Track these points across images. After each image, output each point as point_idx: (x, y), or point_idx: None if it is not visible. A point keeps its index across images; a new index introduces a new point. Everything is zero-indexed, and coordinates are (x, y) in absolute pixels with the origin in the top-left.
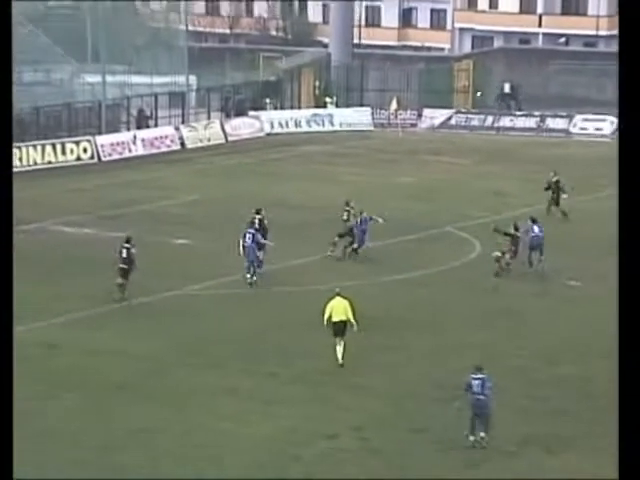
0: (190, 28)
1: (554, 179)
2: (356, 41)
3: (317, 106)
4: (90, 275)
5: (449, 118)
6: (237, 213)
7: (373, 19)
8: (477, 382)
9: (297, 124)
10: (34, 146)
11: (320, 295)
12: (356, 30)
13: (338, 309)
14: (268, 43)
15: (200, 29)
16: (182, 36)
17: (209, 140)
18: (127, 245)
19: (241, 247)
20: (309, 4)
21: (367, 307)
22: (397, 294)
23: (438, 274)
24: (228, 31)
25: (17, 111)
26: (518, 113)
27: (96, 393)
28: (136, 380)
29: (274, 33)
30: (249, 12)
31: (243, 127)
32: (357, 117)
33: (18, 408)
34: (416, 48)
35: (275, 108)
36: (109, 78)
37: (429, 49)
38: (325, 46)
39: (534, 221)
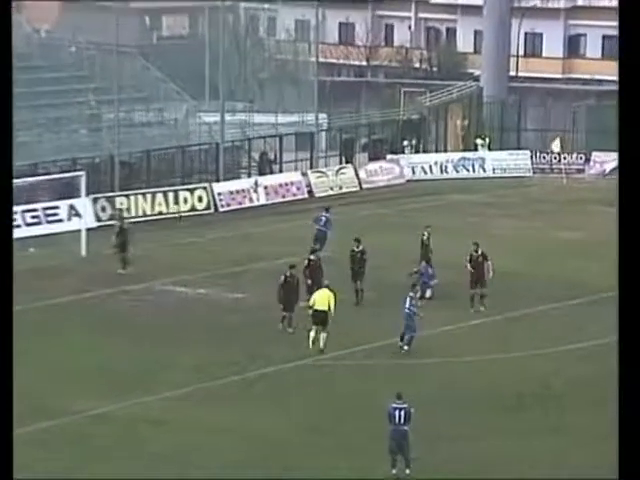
0: (321, 60)
1: None
2: (513, 73)
3: (466, 149)
4: (203, 343)
5: None
6: (373, 272)
7: (533, 48)
8: (398, 412)
9: (443, 169)
10: (143, 194)
11: (478, 367)
12: (513, 61)
13: (322, 299)
14: (410, 76)
15: (332, 61)
16: (311, 69)
17: (341, 188)
18: (286, 275)
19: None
20: (458, 31)
21: (525, 382)
22: (559, 367)
23: (608, 345)
24: (364, 63)
25: (126, 155)
26: None
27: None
28: (249, 464)
29: (417, 65)
30: (389, 41)
31: (380, 173)
32: (513, 161)
33: None
34: (584, 81)
35: (417, 151)
36: (228, 117)
37: (600, 82)
38: (476, 79)
39: None
